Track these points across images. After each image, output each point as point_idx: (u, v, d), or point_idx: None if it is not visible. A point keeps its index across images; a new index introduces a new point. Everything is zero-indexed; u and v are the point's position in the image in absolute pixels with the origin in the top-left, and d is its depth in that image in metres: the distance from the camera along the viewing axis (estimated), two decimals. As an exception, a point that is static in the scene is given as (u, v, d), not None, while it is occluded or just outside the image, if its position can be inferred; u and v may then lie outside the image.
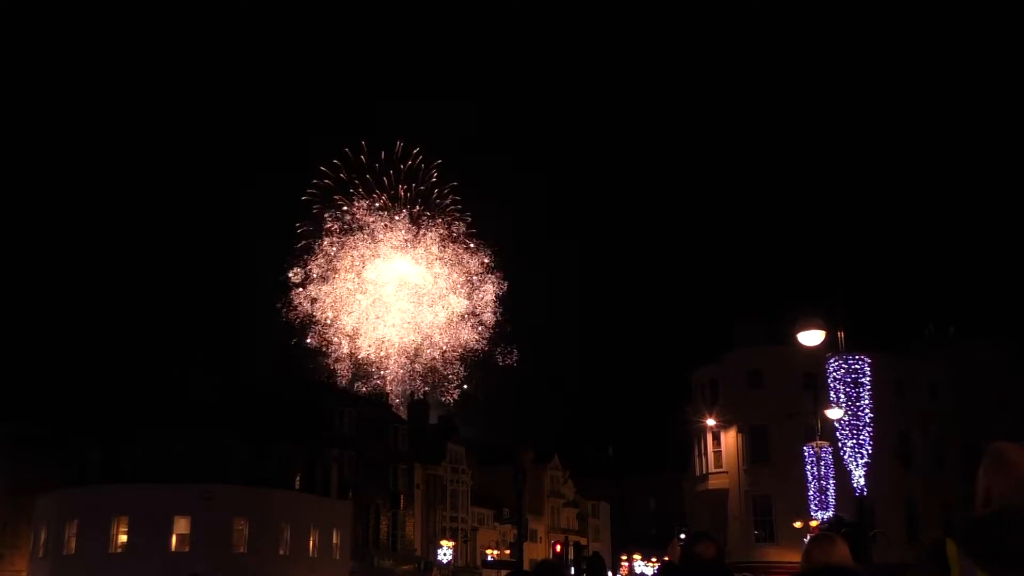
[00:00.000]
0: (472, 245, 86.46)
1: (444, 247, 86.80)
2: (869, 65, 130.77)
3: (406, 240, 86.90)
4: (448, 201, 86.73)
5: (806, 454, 32.34)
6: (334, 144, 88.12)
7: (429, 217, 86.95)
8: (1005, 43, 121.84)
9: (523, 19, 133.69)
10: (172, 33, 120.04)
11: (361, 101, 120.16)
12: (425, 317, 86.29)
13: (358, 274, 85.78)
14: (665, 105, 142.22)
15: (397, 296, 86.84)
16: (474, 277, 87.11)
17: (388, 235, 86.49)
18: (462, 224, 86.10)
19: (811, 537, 5.76)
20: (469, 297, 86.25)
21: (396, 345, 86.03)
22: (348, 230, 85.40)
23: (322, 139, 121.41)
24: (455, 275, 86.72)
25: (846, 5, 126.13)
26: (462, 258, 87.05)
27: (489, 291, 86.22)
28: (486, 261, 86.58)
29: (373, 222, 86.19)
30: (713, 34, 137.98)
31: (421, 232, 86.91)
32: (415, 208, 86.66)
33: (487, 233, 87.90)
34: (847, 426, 20.08)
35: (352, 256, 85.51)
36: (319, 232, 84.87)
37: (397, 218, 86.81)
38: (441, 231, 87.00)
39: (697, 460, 56.50)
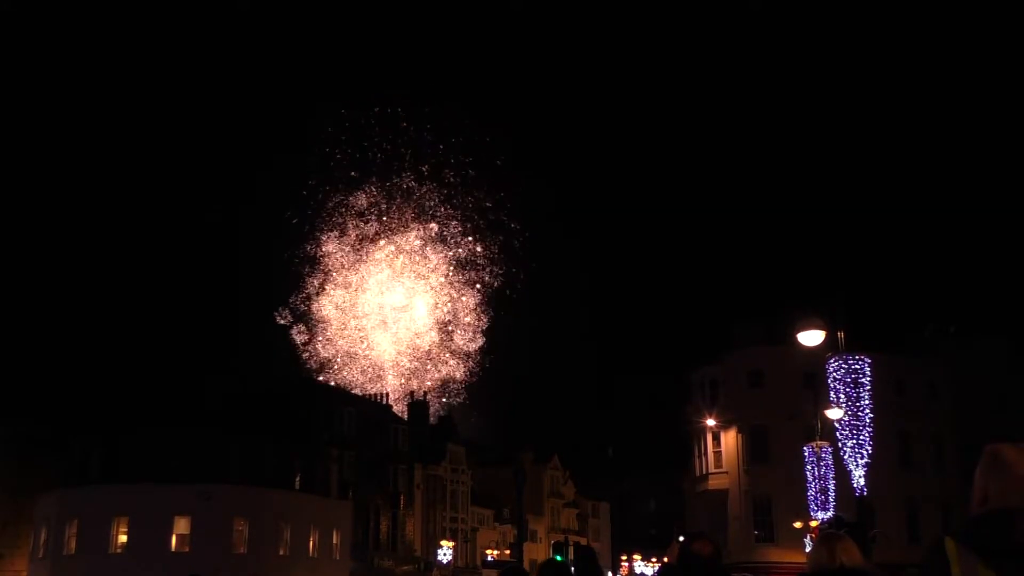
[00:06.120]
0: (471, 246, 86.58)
1: (442, 247, 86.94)
2: (869, 65, 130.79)
3: (404, 242, 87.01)
4: (449, 198, 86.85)
5: (806, 454, 32.33)
6: (337, 142, 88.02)
7: (429, 217, 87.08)
8: (1005, 42, 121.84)
9: (523, 20, 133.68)
10: (172, 32, 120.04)
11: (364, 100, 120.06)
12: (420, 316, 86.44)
13: (359, 274, 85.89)
14: (665, 105, 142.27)
15: (395, 295, 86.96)
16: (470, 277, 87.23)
17: (388, 235, 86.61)
18: (467, 237, 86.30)
19: (818, 536, 5.74)
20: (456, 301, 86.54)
21: (393, 345, 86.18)
22: (352, 236, 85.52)
23: (324, 134, 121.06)
24: (451, 274, 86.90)
25: (846, 5, 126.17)
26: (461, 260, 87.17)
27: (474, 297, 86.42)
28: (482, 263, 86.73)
29: (374, 220, 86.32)
30: (713, 34, 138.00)
31: (422, 235, 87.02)
32: (413, 209, 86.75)
33: (487, 232, 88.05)
34: (847, 426, 20.07)
35: (353, 256, 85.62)
36: (319, 230, 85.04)
37: (398, 218, 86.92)
38: (440, 232, 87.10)
39: (697, 460, 56.50)
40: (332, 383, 77.95)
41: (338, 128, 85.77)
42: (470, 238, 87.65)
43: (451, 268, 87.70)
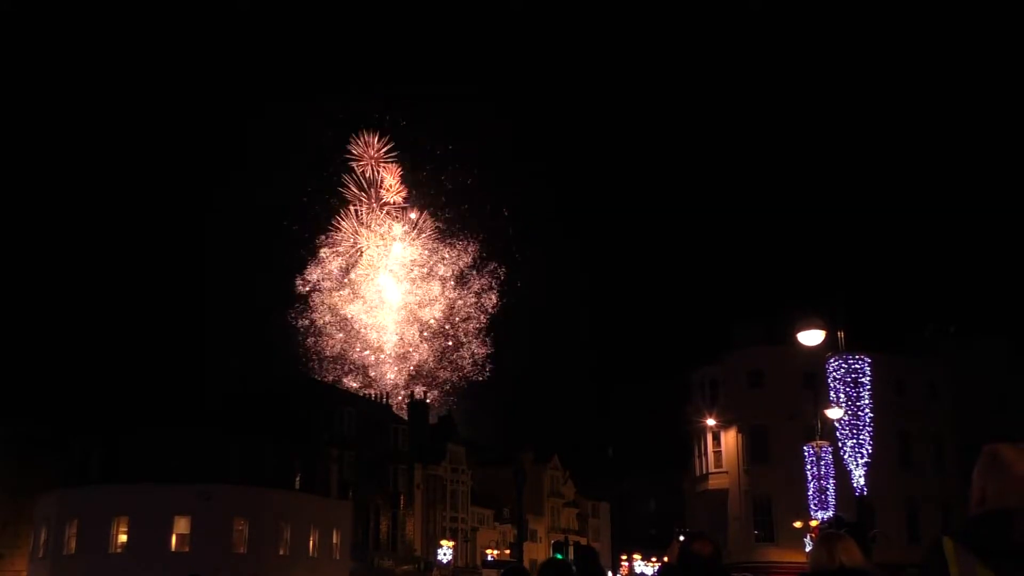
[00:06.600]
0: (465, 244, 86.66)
1: (439, 246, 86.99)
2: (869, 65, 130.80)
3: (404, 239, 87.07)
4: (446, 200, 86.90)
5: (806, 454, 32.34)
6: (332, 144, 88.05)
7: (427, 214, 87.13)
8: (1005, 42, 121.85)
9: (523, 21, 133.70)
10: (173, 32, 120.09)
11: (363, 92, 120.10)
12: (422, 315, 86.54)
13: (357, 274, 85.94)
14: (665, 105, 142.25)
15: (394, 296, 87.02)
16: (470, 277, 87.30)
17: (386, 235, 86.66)
18: (468, 240, 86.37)
19: (818, 536, 5.74)
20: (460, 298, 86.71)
21: (393, 344, 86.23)
22: (346, 236, 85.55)
23: (324, 137, 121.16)
24: (450, 273, 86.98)
25: (846, 5, 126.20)
26: (459, 257, 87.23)
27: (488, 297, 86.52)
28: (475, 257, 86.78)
29: (371, 221, 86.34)
30: (713, 34, 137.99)
31: (418, 232, 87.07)
32: (413, 206, 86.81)
33: (487, 233, 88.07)
34: (847, 426, 20.08)
35: (350, 256, 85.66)
36: (317, 230, 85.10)
37: (395, 217, 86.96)
38: (438, 229, 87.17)
39: (697, 460, 56.51)
40: (332, 383, 77.94)
41: (338, 130, 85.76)
42: (470, 239, 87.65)
43: (452, 269, 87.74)
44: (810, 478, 31.55)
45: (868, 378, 20.01)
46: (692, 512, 61.26)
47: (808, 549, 34.70)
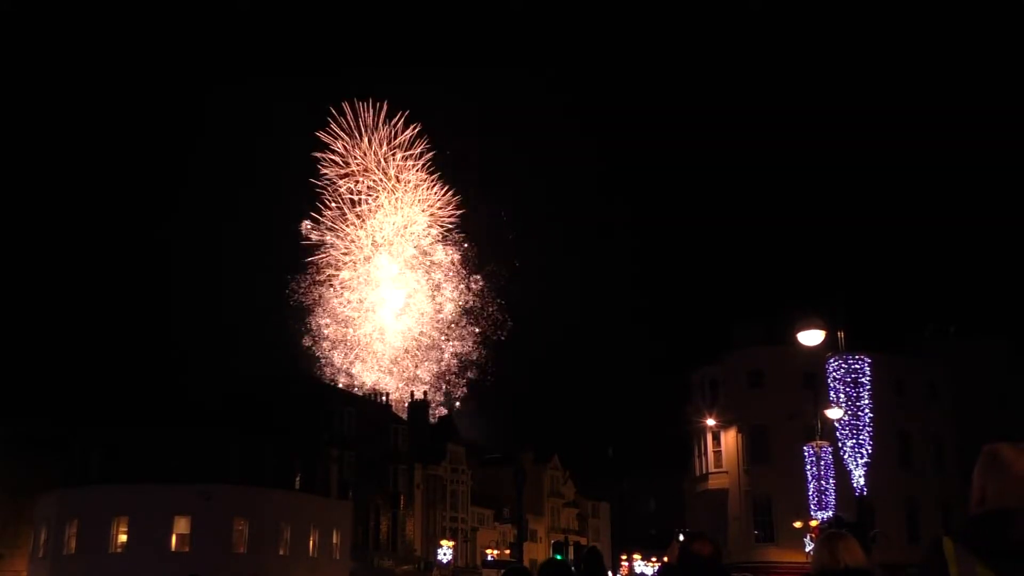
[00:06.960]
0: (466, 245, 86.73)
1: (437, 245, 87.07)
2: (869, 66, 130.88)
3: (404, 240, 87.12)
4: (449, 202, 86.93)
5: (806, 454, 32.37)
6: (331, 145, 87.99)
7: (425, 212, 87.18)
8: (1003, 44, 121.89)
9: (523, 20, 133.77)
10: (169, 27, 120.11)
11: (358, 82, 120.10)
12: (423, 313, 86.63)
13: (356, 272, 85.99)
14: (664, 105, 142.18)
15: (395, 296, 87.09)
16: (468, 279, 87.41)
17: (386, 236, 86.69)
18: (466, 240, 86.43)
19: (820, 536, 5.74)
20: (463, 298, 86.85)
21: (393, 343, 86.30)
22: (344, 233, 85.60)
23: (316, 128, 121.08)
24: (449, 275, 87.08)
25: (846, 5, 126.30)
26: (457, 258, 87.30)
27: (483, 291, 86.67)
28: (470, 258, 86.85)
29: (370, 218, 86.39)
30: (713, 34, 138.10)
31: (419, 233, 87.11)
32: (412, 207, 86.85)
33: (488, 233, 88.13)
34: (847, 426, 20.11)
35: (351, 256, 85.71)
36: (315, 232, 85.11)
37: (393, 215, 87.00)
38: (439, 229, 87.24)
39: (697, 460, 56.53)
40: (332, 383, 77.95)
41: (339, 131, 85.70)
42: (471, 240, 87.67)
43: (453, 270, 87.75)
44: (810, 478, 31.58)
45: (868, 378, 20.04)
46: (692, 512, 61.27)
47: (808, 549, 34.75)
